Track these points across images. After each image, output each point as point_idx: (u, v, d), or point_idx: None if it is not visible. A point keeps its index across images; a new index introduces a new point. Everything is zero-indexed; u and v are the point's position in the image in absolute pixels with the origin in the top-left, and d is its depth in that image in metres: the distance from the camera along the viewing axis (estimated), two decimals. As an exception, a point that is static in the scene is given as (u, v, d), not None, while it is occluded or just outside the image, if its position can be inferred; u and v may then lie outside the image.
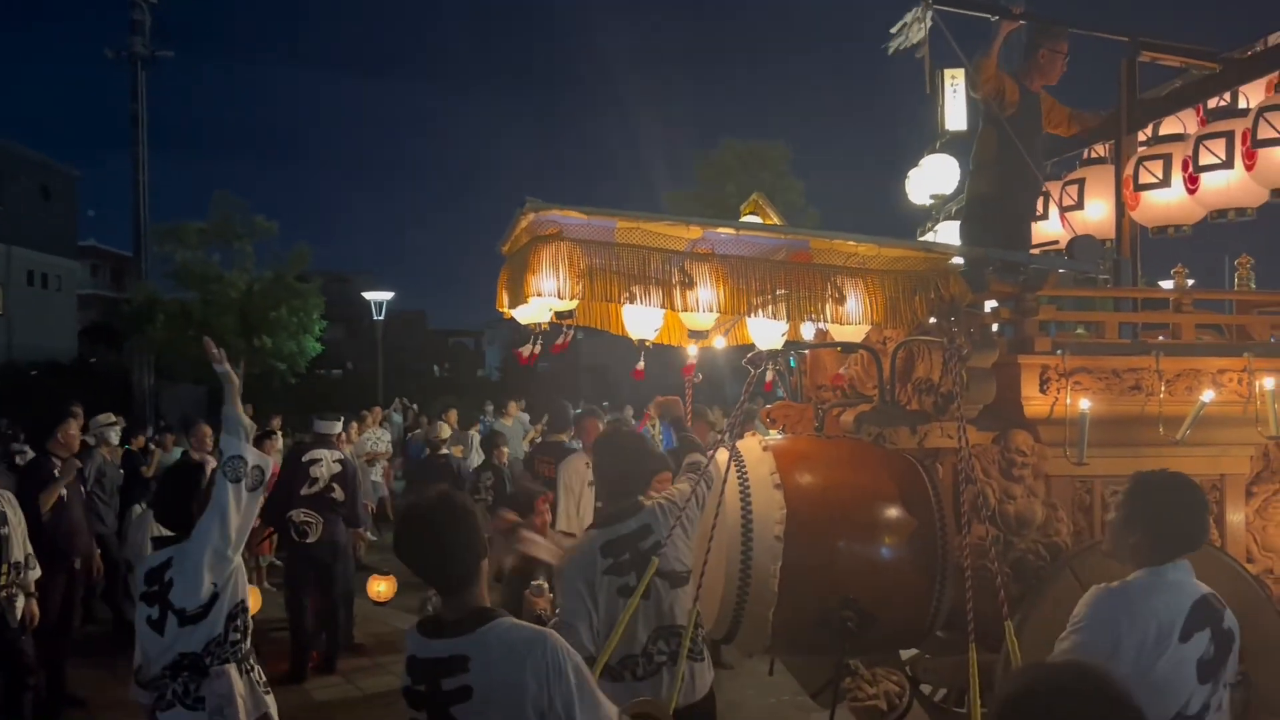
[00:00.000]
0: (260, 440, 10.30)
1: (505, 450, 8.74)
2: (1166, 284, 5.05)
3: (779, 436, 5.06)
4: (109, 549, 8.57)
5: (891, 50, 8.42)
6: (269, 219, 19.22)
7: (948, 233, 8.78)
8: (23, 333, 31.03)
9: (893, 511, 4.22)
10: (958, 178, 9.49)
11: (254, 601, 7.66)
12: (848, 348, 4.28)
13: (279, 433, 11.11)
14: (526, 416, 14.00)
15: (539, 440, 9.63)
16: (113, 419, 8.80)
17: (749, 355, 4.16)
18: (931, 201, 10.06)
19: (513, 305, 4.27)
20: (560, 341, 4.25)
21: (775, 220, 5.44)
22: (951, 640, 4.38)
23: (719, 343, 4.75)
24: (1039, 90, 5.23)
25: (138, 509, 8.40)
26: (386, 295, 21.17)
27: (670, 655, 3.56)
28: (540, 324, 4.56)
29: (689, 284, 3.98)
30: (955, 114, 10.32)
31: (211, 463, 3.78)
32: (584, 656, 3.48)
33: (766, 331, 4.57)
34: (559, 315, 4.17)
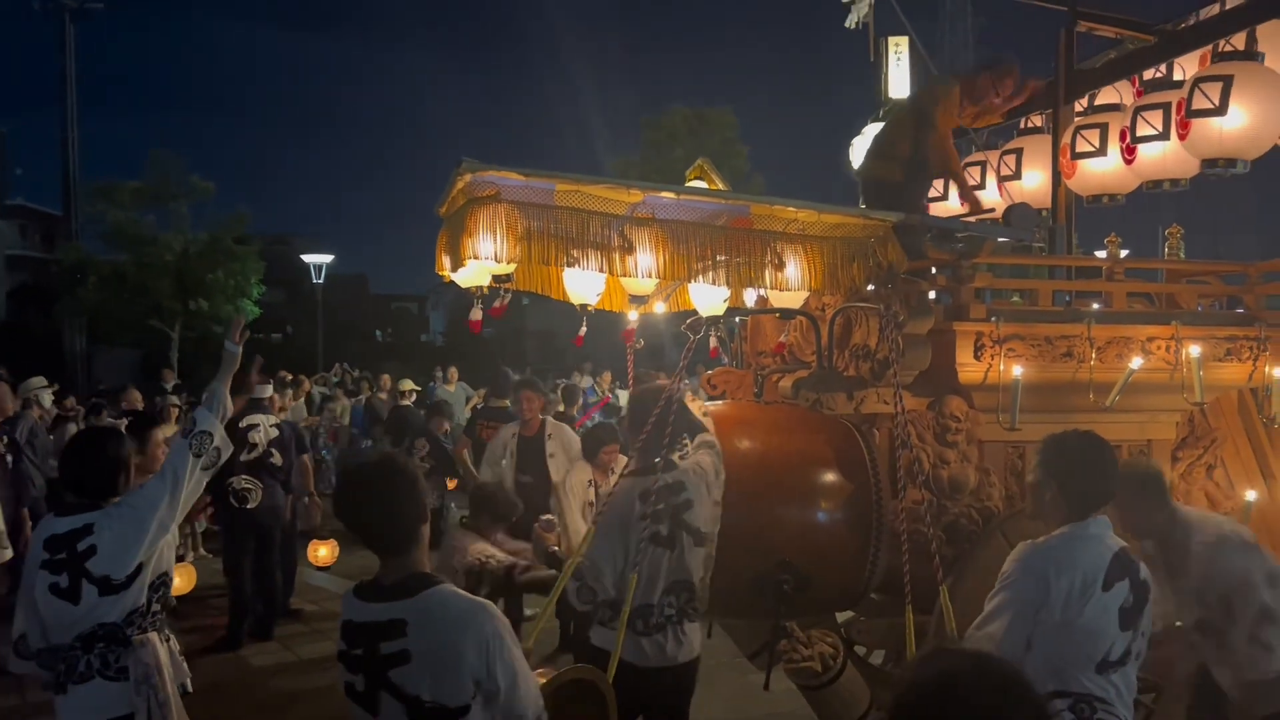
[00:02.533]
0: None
1: (447, 422, 8.70)
2: (1101, 253, 5.13)
3: (720, 401, 5.08)
4: (39, 512, 8.40)
5: (852, 24, 8.40)
6: (205, 178, 18.77)
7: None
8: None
9: (829, 476, 4.26)
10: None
11: (188, 580, 7.58)
12: (786, 313, 4.29)
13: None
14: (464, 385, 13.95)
15: (480, 406, 9.55)
16: (44, 382, 8.61)
17: (689, 320, 4.15)
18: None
19: (452, 268, 4.22)
20: (497, 305, 4.21)
21: (720, 186, 5.42)
22: (886, 603, 4.46)
23: (659, 308, 4.74)
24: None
25: None
26: (326, 258, 20.79)
27: (678, 611, 3.75)
28: (480, 287, 4.51)
29: (629, 248, 3.96)
30: (898, 82, 10.36)
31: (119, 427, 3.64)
32: (603, 598, 3.64)
33: (709, 297, 4.58)
34: (497, 279, 4.13)
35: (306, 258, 20.53)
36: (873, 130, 9.90)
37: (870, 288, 4.23)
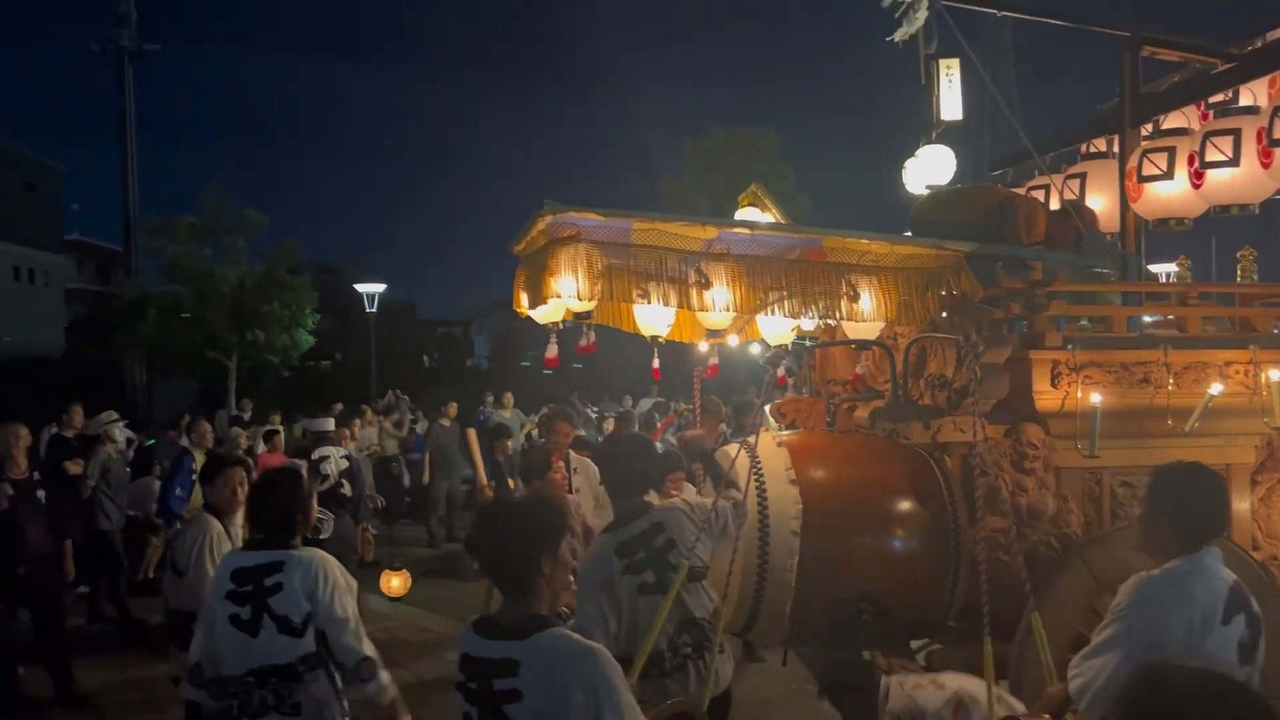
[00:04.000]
0: (269, 437, 10.34)
1: (510, 443, 8.79)
2: (1165, 268, 5.10)
3: (789, 431, 5.12)
4: (113, 545, 8.60)
5: (899, 38, 8.45)
6: (259, 212, 19.16)
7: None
8: (11, 328, 30.78)
9: (906, 504, 4.29)
10: (954, 168, 9.55)
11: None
12: (862, 344, 4.33)
13: (280, 429, 11.13)
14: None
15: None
16: (115, 416, 8.82)
17: (768, 354, 4.20)
18: (929, 192, 10.09)
19: (532, 306, 4.33)
20: (584, 344, 4.29)
21: (774, 211, 5.48)
22: (965, 631, 4.45)
23: (732, 340, 4.81)
24: None
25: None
26: (379, 287, 21.01)
27: (694, 648, 3.60)
28: (558, 323, 4.62)
29: (706, 284, 4.04)
30: (950, 104, 10.33)
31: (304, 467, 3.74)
32: None
33: (776, 327, 4.66)
34: (578, 315, 4.23)
35: (359, 287, 20.76)
36: (927, 152, 9.89)
37: (944, 316, 4.26)
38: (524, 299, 4.51)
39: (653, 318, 4.61)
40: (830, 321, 4.69)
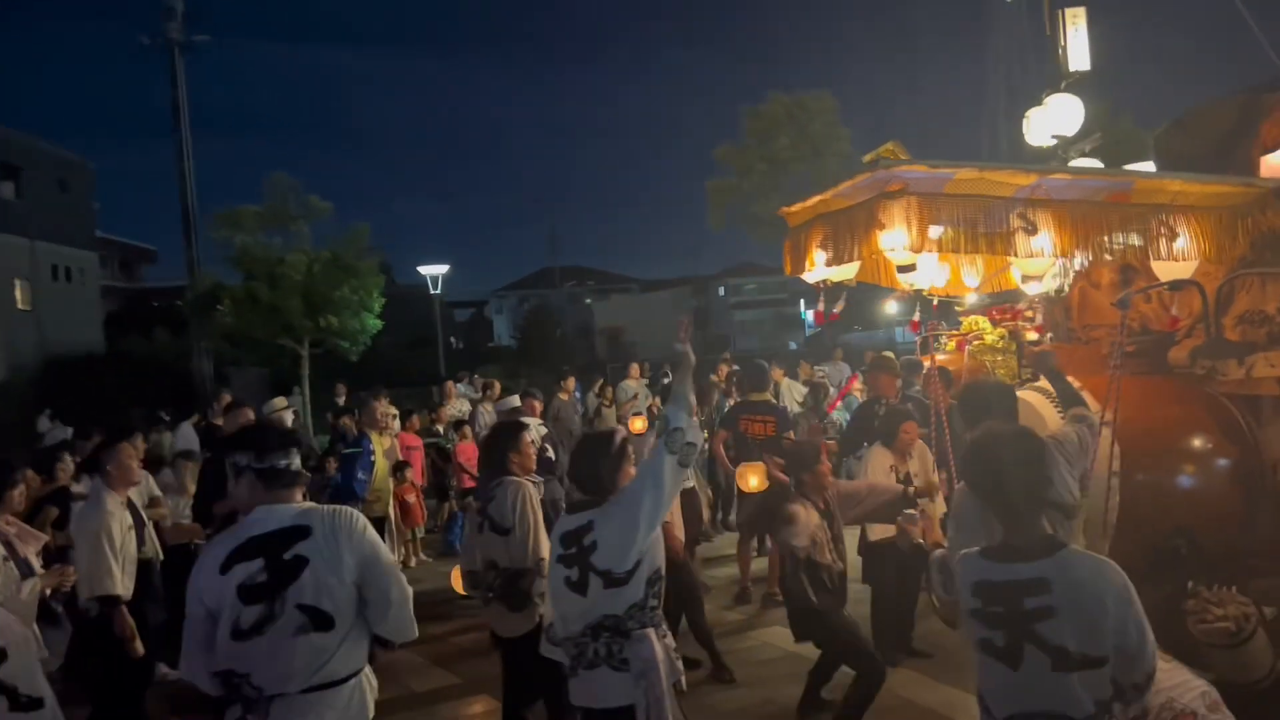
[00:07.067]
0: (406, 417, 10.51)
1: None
2: None
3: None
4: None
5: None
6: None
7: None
8: (52, 327, 30.76)
9: (1211, 443, 4.37)
10: (1082, 119, 9.52)
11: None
12: (1175, 285, 4.38)
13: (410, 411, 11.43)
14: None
15: (740, 400, 9.28)
16: (285, 404, 8.89)
17: (1118, 298, 4.24)
18: (1054, 142, 10.05)
19: (836, 262, 4.37)
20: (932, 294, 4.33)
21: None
22: (1262, 567, 4.51)
23: (1033, 288, 4.84)
24: None
25: None
26: (442, 268, 21.02)
27: None
28: (849, 281, 4.66)
29: (1031, 229, 4.08)
30: (1078, 54, 10.30)
31: (621, 431, 3.82)
32: None
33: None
34: (900, 269, 4.28)
35: (422, 269, 20.81)
36: (1055, 101, 9.81)
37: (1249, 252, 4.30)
38: (816, 258, 4.55)
39: (928, 271, 4.66)
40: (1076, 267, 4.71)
